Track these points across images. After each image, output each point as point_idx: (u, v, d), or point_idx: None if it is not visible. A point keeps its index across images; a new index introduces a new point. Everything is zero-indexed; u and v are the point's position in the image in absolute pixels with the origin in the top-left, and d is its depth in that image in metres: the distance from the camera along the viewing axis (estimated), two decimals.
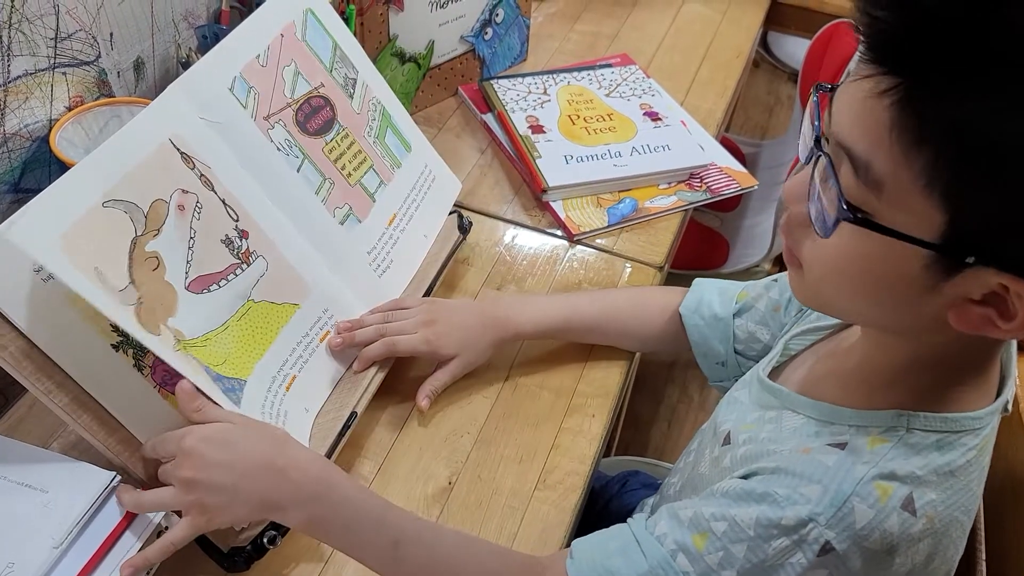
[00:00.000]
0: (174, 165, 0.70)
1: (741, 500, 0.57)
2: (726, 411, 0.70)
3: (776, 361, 0.69)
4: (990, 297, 0.48)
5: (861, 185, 0.48)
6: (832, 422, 0.58)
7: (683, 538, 0.58)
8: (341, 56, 0.89)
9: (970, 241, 0.46)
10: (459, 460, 0.79)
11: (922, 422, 0.55)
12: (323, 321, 0.80)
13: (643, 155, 1.08)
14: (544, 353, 0.88)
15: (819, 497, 0.54)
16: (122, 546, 0.60)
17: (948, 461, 0.54)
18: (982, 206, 0.45)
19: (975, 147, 0.43)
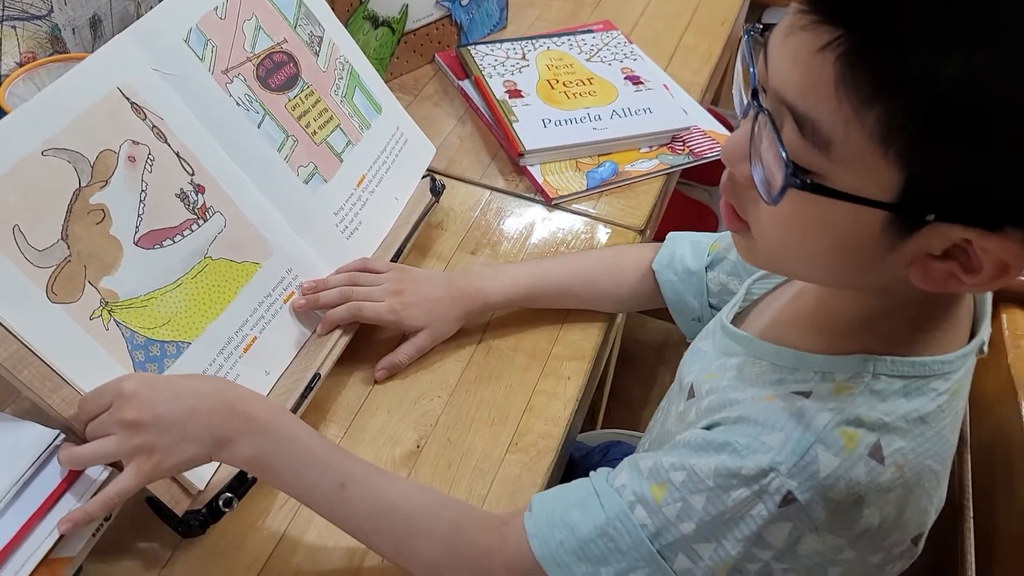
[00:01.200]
0: (123, 115, 0.68)
1: (701, 450, 0.54)
2: (690, 362, 0.68)
3: (739, 306, 0.66)
4: (952, 251, 0.45)
5: (807, 144, 0.45)
6: (796, 368, 0.55)
7: (642, 489, 0.55)
8: (306, 13, 0.87)
9: (930, 198, 0.43)
10: (429, 423, 0.76)
11: (889, 367, 0.52)
12: (287, 281, 0.77)
13: (623, 118, 1.05)
14: (519, 316, 0.85)
15: (781, 445, 0.51)
16: (63, 507, 0.57)
17: (917, 407, 0.51)
18: (942, 162, 0.42)
19: (934, 102, 0.41)
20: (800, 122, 0.45)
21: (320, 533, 0.67)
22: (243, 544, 0.67)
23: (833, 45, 0.42)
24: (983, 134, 0.40)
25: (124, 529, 0.66)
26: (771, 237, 0.52)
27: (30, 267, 0.60)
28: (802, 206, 0.47)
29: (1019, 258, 0.44)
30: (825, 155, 0.45)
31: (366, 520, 0.60)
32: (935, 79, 0.40)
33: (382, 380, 0.78)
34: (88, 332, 0.63)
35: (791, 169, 0.45)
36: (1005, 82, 0.39)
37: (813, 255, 0.51)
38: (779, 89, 0.46)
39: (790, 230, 0.50)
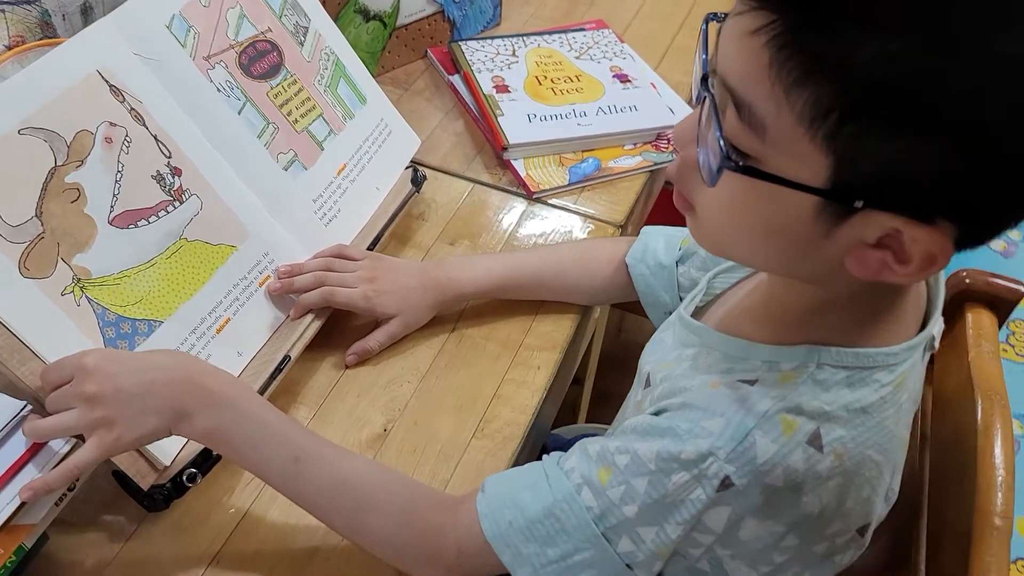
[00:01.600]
0: (102, 97, 0.69)
1: (646, 435, 0.55)
2: (649, 352, 0.68)
3: (701, 300, 0.67)
4: (885, 240, 0.46)
5: (745, 128, 0.46)
6: (745, 358, 0.56)
7: (589, 472, 0.56)
8: (292, 4, 0.88)
9: (857, 184, 0.44)
10: (397, 408, 0.77)
11: (833, 357, 0.53)
12: (263, 265, 0.79)
13: (608, 115, 1.06)
14: (493, 306, 0.86)
15: (720, 430, 0.52)
16: (25, 476, 0.58)
17: (859, 397, 0.52)
18: (867, 148, 0.42)
19: (858, 88, 0.41)
20: (738, 106, 0.46)
21: (283, 511, 0.68)
22: (207, 519, 0.68)
23: (766, 29, 0.43)
24: (904, 121, 0.41)
25: (91, 502, 0.68)
26: (713, 219, 0.53)
27: (3, 242, 0.62)
28: (740, 189, 0.48)
29: (945, 250, 0.45)
30: (760, 139, 0.45)
31: (319, 495, 0.61)
32: (854, 63, 0.40)
33: (352, 365, 0.79)
34: (59, 307, 0.64)
35: (726, 151, 0.46)
36: (922, 67, 0.40)
37: (751, 238, 0.52)
38: (722, 73, 0.47)
39: (729, 213, 0.51)
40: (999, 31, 0.39)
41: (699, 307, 0.67)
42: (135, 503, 0.67)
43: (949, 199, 0.43)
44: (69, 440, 0.61)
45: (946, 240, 0.44)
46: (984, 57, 0.39)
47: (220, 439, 0.61)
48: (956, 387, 0.68)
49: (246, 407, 0.61)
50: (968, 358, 0.68)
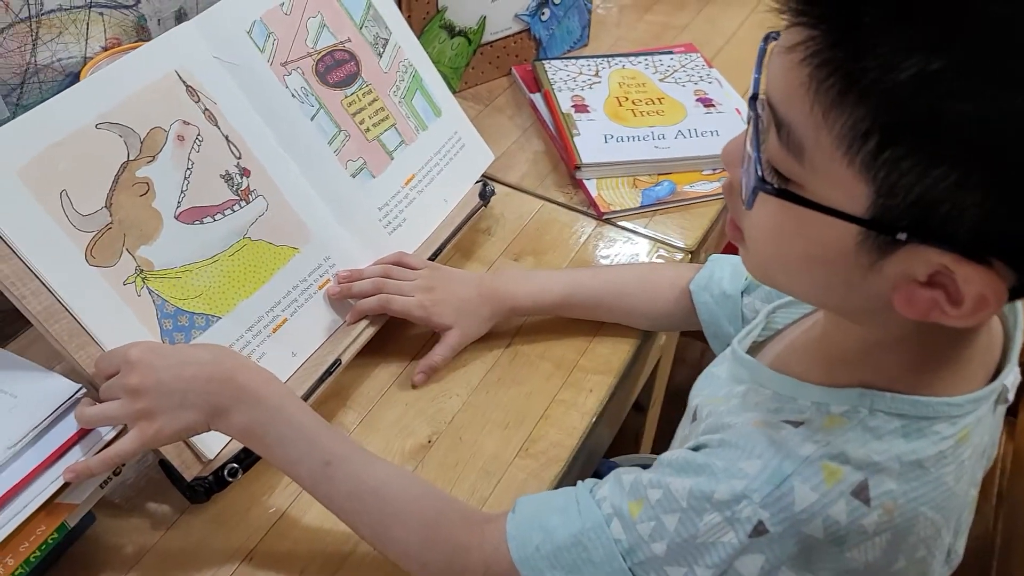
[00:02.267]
0: (178, 96, 0.72)
1: (681, 470, 0.53)
2: (700, 386, 0.66)
3: (759, 335, 0.64)
4: (937, 278, 0.43)
5: (785, 150, 0.44)
6: (795, 398, 0.53)
7: (620, 503, 0.54)
8: (375, 16, 0.90)
9: (900, 215, 0.41)
10: (443, 420, 0.76)
11: (888, 403, 0.49)
12: (323, 269, 0.80)
13: (688, 139, 1.04)
14: (551, 324, 0.85)
15: (757, 472, 0.49)
16: (71, 457, 0.60)
17: (914, 449, 0.48)
18: (908, 177, 0.39)
19: (896, 111, 0.39)
20: (779, 126, 0.44)
21: (319, 514, 0.68)
22: (245, 516, 0.69)
23: (805, 44, 0.41)
24: (945, 149, 0.38)
25: (139, 488, 0.70)
26: (756, 244, 0.50)
27: (72, 230, 0.64)
28: (779, 214, 0.46)
29: (999, 294, 0.41)
30: (799, 162, 0.43)
31: (347, 500, 0.61)
32: (893, 83, 0.38)
33: (421, 383, 0.79)
34: (120, 296, 0.66)
35: (761, 173, 0.44)
36: (963, 90, 0.37)
37: (793, 266, 0.49)
38: (767, 91, 0.45)
39: (770, 238, 0.48)
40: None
41: (756, 342, 0.64)
42: (179, 493, 0.68)
43: (1000, 238, 0.40)
44: (116, 426, 0.62)
45: (1000, 283, 0.41)
46: None
47: (254, 436, 0.61)
48: None
49: (282, 407, 0.61)
50: None
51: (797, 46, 0.41)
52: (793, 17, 0.42)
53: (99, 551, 0.66)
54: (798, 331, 0.61)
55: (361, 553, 0.66)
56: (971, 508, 0.56)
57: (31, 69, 0.78)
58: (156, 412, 0.60)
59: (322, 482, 0.61)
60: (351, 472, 0.61)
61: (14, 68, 0.77)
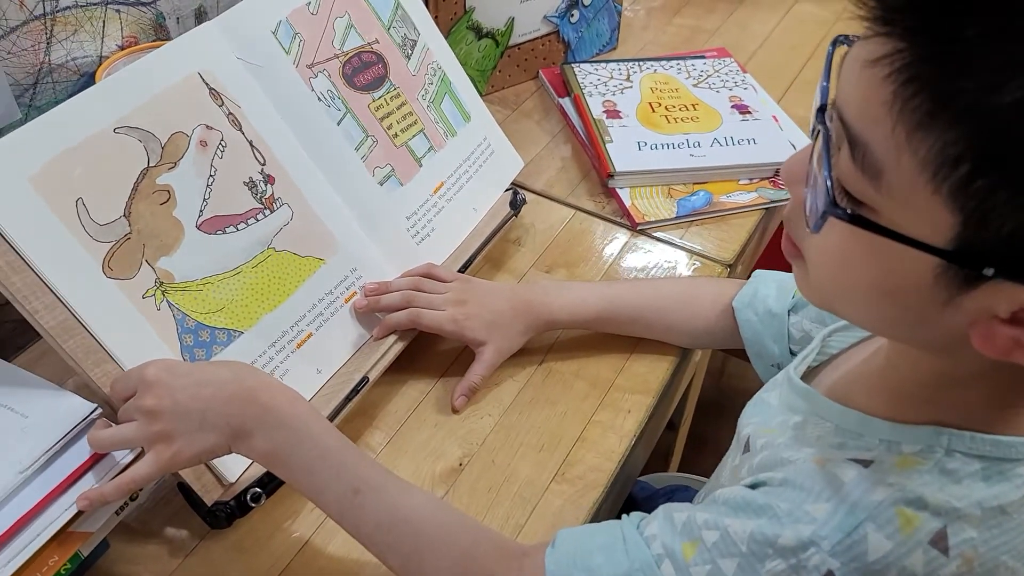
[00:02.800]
0: (200, 99, 0.68)
1: (739, 510, 0.49)
2: (751, 413, 0.62)
3: (814, 360, 0.60)
4: (1021, 315, 0.39)
5: (859, 172, 0.40)
6: (861, 434, 0.49)
7: (672, 544, 0.50)
8: (403, 16, 0.86)
9: (988, 248, 0.37)
10: (475, 442, 0.73)
11: (967, 444, 0.45)
12: (350, 281, 0.76)
13: (724, 147, 1.00)
14: (585, 340, 0.81)
15: (827, 518, 0.45)
16: (84, 484, 0.57)
17: (996, 494, 0.44)
18: (1001, 208, 0.36)
19: (999, 139, 0.35)
20: (853, 144, 0.40)
21: (345, 543, 0.65)
22: (268, 543, 0.65)
23: (892, 58, 0.37)
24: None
25: (157, 512, 0.67)
26: (820, 271, 0.47)
27: (89, 240, 0.61)
28: (848, 239, 0.42)
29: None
30: (876, 185, 0.39)
31: (377, 530, 0.57)
32: (992, 106, 0.34)
33: (462, 407, 0.75)
34: (139, 310, 0.63)
35: (833, 196, 0.40)
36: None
37: (861, 297, 0.45)
38: (840, 105, 0.41)
39: (837, 266, 0.45)
40: None
41: (811, 367, 0.60)
42: (199, 519, 0.64)
43: None
44: (133, 450, 0.59)
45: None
46: None
47: (278, 461, 0.58)
48: None
49: (307, 430, 0.57)
50: None
51: (881, 60, 0.38)
52: (879, 27, 0.38)
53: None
54: (858, 358, 0.57)
55: None
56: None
57: (45, 68, 0.75)
58: (174, 435, 0.56)
59: (350, 511, 0.57)
60: (382, 501, 0.57)
61: (27, 67, 0.74)
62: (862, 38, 0.40)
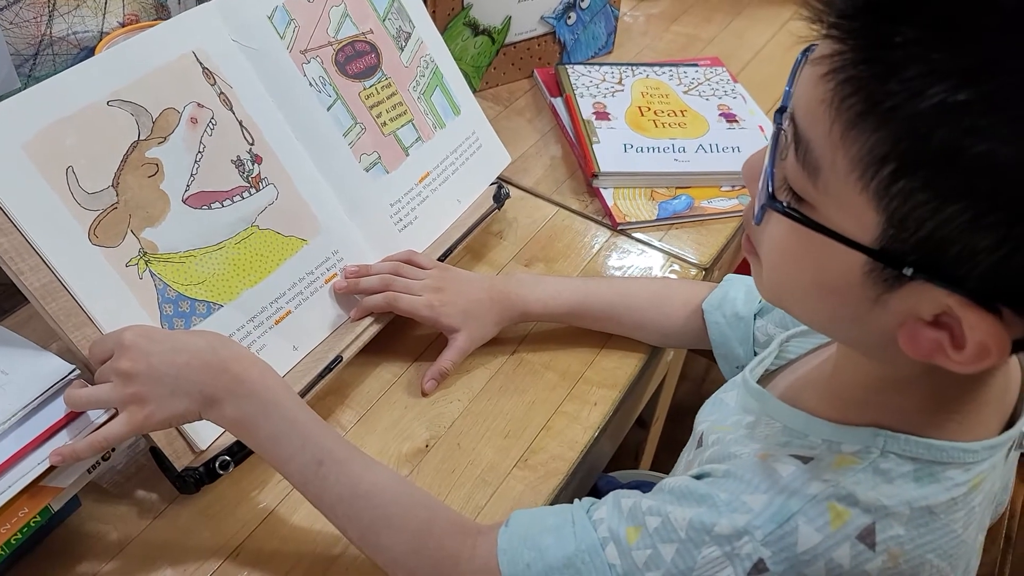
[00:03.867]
0: (193, 78, 0.70)
1: (682, 499, 0.51)
2: (708, 412, 0.64)
3: (772, 364, 0.62)
4: (943, 318, 0.41)
5: (801, 169, 0.42)
6: (806, 433, 0.51)
7: (617, 527, 0.52)
8: (399, 8, 0.88)
9: (908, 249, 0.39)
10: (443, 425, 0.75)
11: (902, 446, 0.47)
12: (331, 262, 0.78)
13: (709, 154, 1.02)
14: (559, 333, 0.83)
15: (762, 508, 0.47)
16: (58, 440, 0.58)
17: (926, 495, 0.46)
18: (920, 210, 0.37)
19: (920, 142, 0.36)
20: (798, 143, 0.42)
21: (309, 514, 0.67)
22: (234, 510, 0.67)
23: (831, 59, 0.39)
24: (962, 186, 0.36)
25: (129, 474, 0.69)
26: (767, 263, 0.49)
27: (77, 207, 0.63)
28: (790, 234, 0.45)
29: (1002, 344, 0.39)
30: (814, 183, 0.42)
31: (338, 502, 0.59)
32: (916, 111, 0.36)
33: (432, 390, 0.77)
34: (122, 277, 0.65)
35: (771, 189, 0.43)
36: (986, 126, 0.34)
37: (801, 291, 0.47)
38: (793, 106, 0.43)
39: (780, 259, 0.47)
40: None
41: (769, 371, 0.62)
42: (169, 483, 0.67)
43: (1012, 286, 0.38)
44: (108, 411, 0.61)
45: (1004, 334, 0.39)
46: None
47: (246, 430, 0.60)
48: None
49: (276, 401, 0.59)
50: None
51: (823, 59, 0.40)
52: (824, 29, 0.40)
53: (82, 536, 0.64)
54: (812, 363, 0.60)
55: (350, 556, 0.65)
56: (978, 553, 0.54)
57: (46, 41, 0.77)
58: (147, 397, 0.58)
59: (313, 482, 0.59)
60: (344, 474, 0.59)
61: (29, 39, 0.76)
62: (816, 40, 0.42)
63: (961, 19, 0.36)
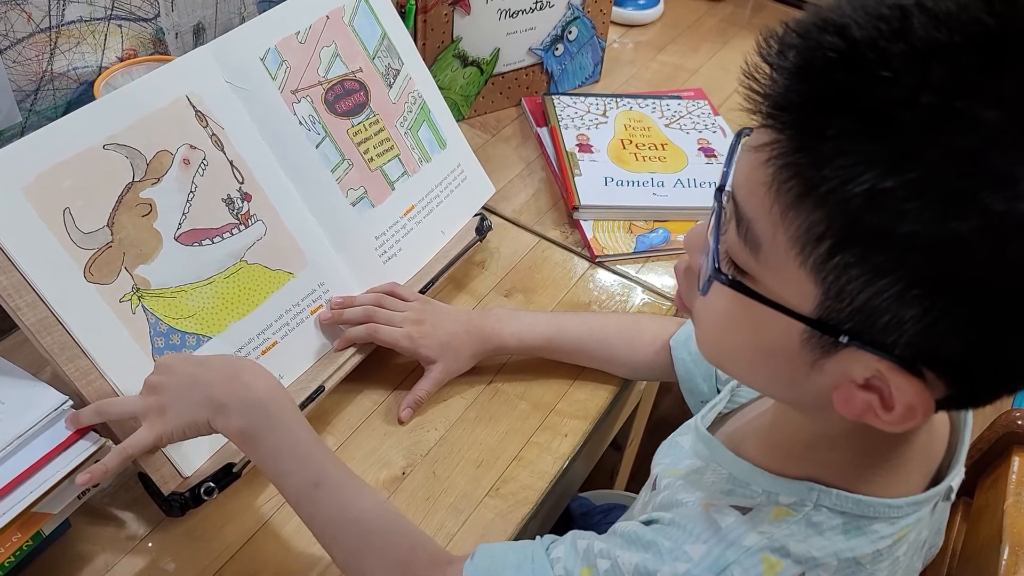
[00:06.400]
0: (186, 121, 0.74)
1: (631, 544, 0.54)
2: (663, 454, 0.67)
3: (724, 407, 0.65)
4: (873, 381, 0.44)
5: (743, 244, 0.45)
6: (748, 483, 0.55)
7: (572, 567, 0.56)
8: (388, 46, 0.92)
9: (844, 318, 0.42)
10: (419, 453, 0.78)
11: (833, 500, 0.51)
12: (317, 294, 0.82)
13: (686, 188, 1.05)
14: (534, 365, 0.86)
15: (700, 558, 0.51)
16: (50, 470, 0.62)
17: (852, 547, 0.50)
18: (854, 284, 0.41)
19: (853, 223, 0.40)
20: (739, 220, 0.45)
21: (290, 537, 0.70)
22: (219, 533, 0.71)
23: (771, 146, 0.42)
24: (888, 263, 0.39)
25: (117, 498, 0.72)
26: (707, 330, 0.52)
27: (73, 247, 0.66)
28: (731, 303, 0.48)
29: (926, 406, 0.43)
30: (756, 257, 0.45)
31: (327, 524, 0.63)
32: (848, 195, 0.39)
33: (408, 419, 0.81)
34: (115, 313, 0.68)
35: (716, 263, 0.46)
36: (907, 211, 0.38)
37: (740, 356, 0.51)
38: (734, 186, 0.46)
39: (720, 325, 0.50)
40: (998, 187, 0.37)
41: (723, 413, 0.66)
42: (156, 506, 0.70)
43: (935, 353, 0.41)
44: (96, 442, 0.64)
45: (928, 396, 0.42)
46: (971, 211, 0.37)
47: (250, 440, 0.64)
48: (986, 534, 0.65)
49: (282, 416, 0.64)
50: (1004, 506, 0.64)
51: (764, 146, 0.43)
52: (763, 120, 0.43)
53: (72, 558, 0.68)
54: (757, 410, 0.63)
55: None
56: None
57: (47, 77, 0.80)
58: (167, 407, 0.64)
59: (307, 501, 0.63)
60: (337, 498, 0.63)
61: (31, 75, 0.79)
62: (755, 128, 0.45)
63: (885, 114, 0.39)
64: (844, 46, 0.39)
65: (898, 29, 0.38)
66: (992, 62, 0.37)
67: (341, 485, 0.64)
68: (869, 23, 0.38)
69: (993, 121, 0.36)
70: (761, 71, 0.42)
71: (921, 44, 0.37)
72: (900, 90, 0.37)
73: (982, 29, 0.37)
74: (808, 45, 0.40)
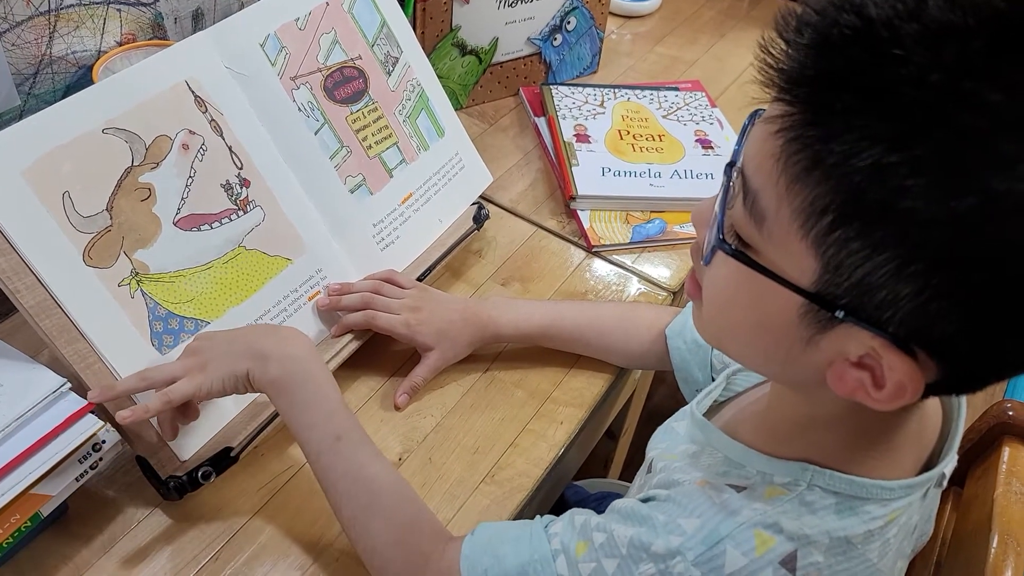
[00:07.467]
0: (185, 106, 0.74)
1: (627, 518, 0.55)
2: (658, 439, 0.68)
3: (720, 396, 0.66)
4: (866, 359, 0.45)
5: (748, 216, 0.46)
6: (743, 464, 0.55)
7: (569, 541, 0.57)
8: (387, 34, 0.92)
9: (841, 293, 0.43)
10: (415, 439, 0.79)
11: (826, 480, 0.51)
12: (315, 280, 0.82)
13: (683, 180, 1.06)
14: (530, 353, 0.87)
15: (694, 531, 0.51)
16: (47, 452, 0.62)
17: (844, 526, 0.51)
18: (853, 258, 0.42)
19: (855, 197, 0.40)
20: (746, 193, 0.46)
21: (290, 519, 0.71)
22: (215, 517, 0.71)
23: (781, 119, 0.43)
24: (888, 238, 0.40)
25: (116, 480, 0.72)
26: (711, 302, 0.53)
27: (72, 230, 0.66)
28: (734, 275, 0.48)
29: (916, 384, 0.43)
30: (760, 229, 0.46)
31: (342, 478, 0.65)
32: (853, 169, 0.40)
33: (404, 404, 0.81)
34: (114, 297, 0.69)
35: (721, 234, 0.47)
36: (911, 187, 0.38)
37: (739, 330, 0.51)
38: (743, 159, 0.47)
39: (722, 298, 0.51)
40: (999, 168, 0.37)
41: (718, 401, 0.66)
42: (153, 489, 0.71)
43: (928, 332, 0.42)
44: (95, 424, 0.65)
45: (919, 375, 0.43)
46: (971, 189, 0.37)
47: (283, 390, 0.67)
48: (976, 523, 0.65)
49: (313, 371, 0.68)
50: (993, 495, 0.65)
51: (775, 119, 0.43)
52: (776, 93, 0.44)
53: (69, 539, 0.68)
54: (753, 397, 0.64)
55: (327, 560, 0.69)
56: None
57: (46, 60, 0.80)
58: (206, 361, 0.67)
59: (327, 453, 0.65)
60: (356, 455, 0.65)
61: (29, 59, 0.79)
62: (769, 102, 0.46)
63: (894, 91, 0.39)
64: (860, 24, 0.39)
65: (914, 9, 0.38)
66: (1002, 46, 0.37)
67: (362, 442, 0.67)
68: (886, 3, 0.39)
69: (998, 103, 0.37)
70: (777, 46, 0.42)
71: (935, 25, 0.38)
72: (911, 68, 0.38)
73: (995, 13, 0.37)
74: (825, 22, 0.41)
